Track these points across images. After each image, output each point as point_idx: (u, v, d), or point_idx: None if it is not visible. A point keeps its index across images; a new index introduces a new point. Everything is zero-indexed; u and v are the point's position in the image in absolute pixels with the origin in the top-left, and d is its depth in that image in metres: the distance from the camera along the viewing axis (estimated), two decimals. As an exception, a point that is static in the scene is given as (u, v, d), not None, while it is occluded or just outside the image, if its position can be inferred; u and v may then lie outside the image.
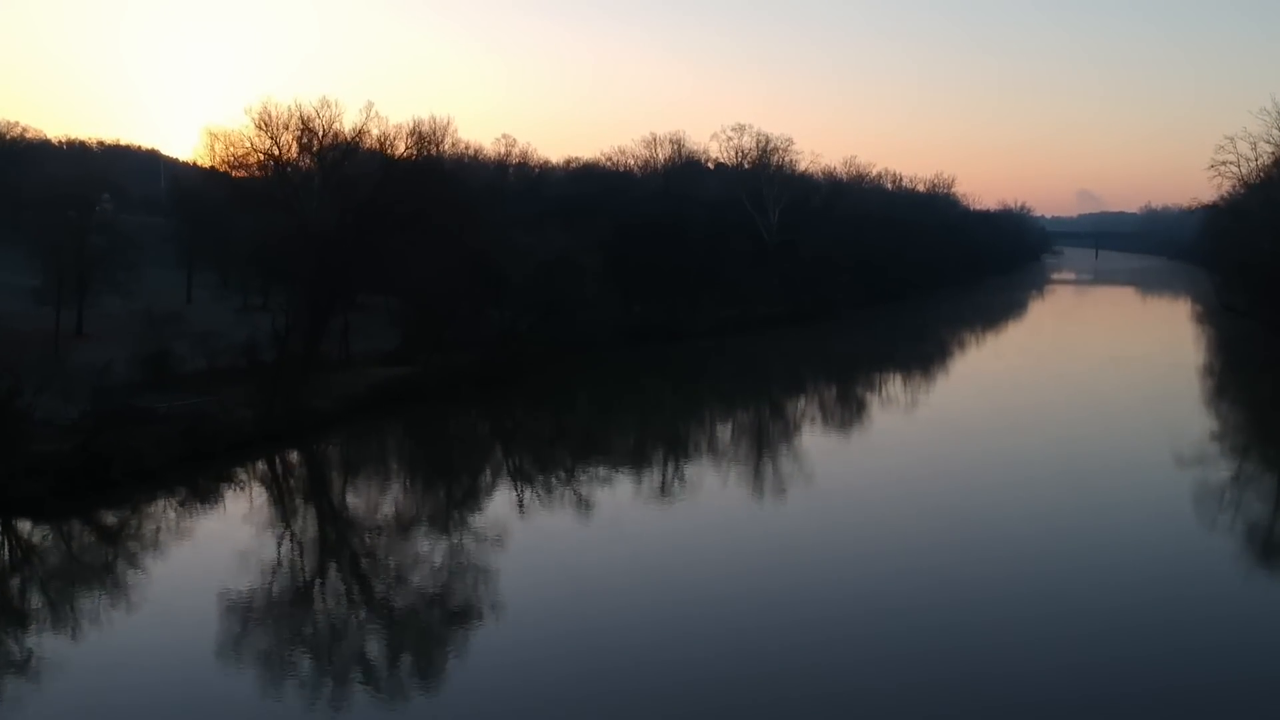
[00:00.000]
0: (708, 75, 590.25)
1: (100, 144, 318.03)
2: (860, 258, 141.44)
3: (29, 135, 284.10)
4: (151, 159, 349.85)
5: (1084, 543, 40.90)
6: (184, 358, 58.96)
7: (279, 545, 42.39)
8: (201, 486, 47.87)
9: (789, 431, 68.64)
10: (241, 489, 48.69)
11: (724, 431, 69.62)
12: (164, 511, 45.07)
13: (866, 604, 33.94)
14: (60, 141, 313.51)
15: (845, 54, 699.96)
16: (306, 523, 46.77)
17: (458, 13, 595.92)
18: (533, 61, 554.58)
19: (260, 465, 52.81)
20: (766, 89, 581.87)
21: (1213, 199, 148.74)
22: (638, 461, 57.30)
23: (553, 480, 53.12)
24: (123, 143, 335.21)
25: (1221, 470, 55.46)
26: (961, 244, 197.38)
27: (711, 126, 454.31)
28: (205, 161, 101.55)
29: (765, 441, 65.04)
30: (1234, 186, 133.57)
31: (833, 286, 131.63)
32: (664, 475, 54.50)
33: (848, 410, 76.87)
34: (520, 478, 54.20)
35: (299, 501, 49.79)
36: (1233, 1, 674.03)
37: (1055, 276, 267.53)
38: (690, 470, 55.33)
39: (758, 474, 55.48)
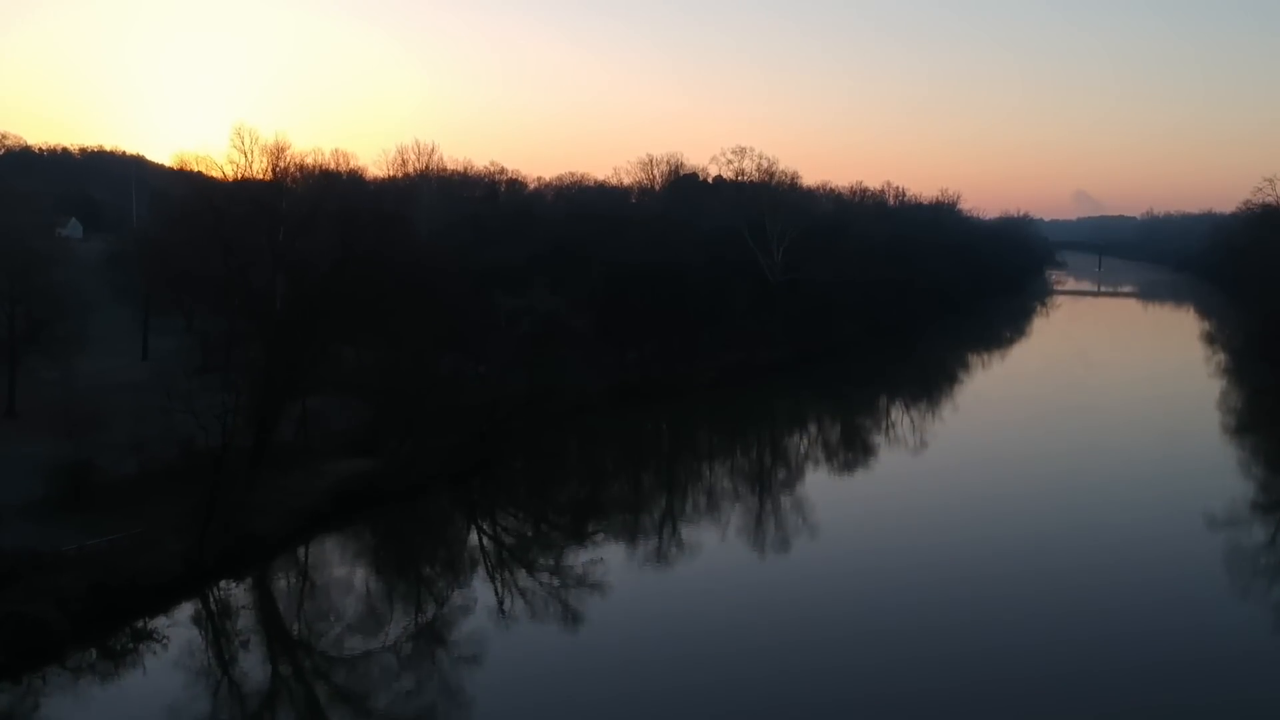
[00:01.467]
0: (699, 88, 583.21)
1: (82, 150, 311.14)
2: (867, 292, 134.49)
3: (8, 142, 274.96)
4: (135, 165, 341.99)
5: None
6: (109, 469, 51.48)
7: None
8: (112, 653, 40.31)
9: (815, 541, 59.42)
10: (162, 650, 40.97)
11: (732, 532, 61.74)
12: (63, 694, 37.56)
13: None
14: (41, 148, 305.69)
15: (837, 58, 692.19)
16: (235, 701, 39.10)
17: (449, 35, 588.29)
18: (525, 83, 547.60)
19: (189, 613, 44.95)
20: (756, 93, 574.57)
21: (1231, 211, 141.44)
22: (647, 597, 49.32)
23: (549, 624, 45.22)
24: (107, 148, 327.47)
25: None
26: (968, 265, 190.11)
27: (706, 142, 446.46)
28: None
29: (776, 539, 57.28)
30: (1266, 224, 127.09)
31: (839, 326, 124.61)
32: (671, 595, 46.88)
33: (874, 523, 60.54)
34: (508, 611, 46.41)
35: (228, 669, 41.94)
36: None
37: (1061, 292, 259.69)
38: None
39: (761, 567, 48.15)
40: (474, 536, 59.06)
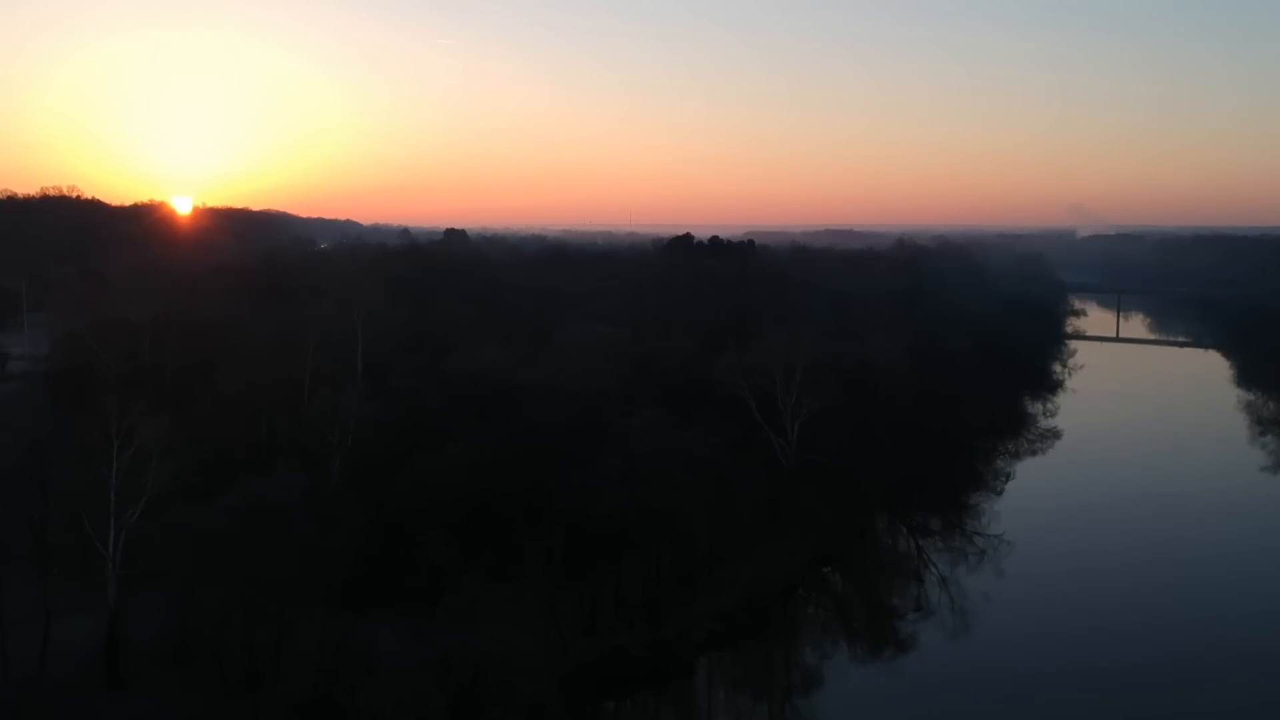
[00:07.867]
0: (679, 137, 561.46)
1: (28, 197, 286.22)
2: (896, 436, 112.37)
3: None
4: (94, 208, 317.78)
5: None
6: None
7: None
8: None
9: None
10: None
11: None
12: None
13: None
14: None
15: (828, 68, 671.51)
16: None
17: (426, 101, 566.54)
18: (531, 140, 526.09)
19: None
20: (750, 113, 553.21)
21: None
22: None
23: None
24: (63, 189, 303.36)
25: None
26: (996, 357, 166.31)
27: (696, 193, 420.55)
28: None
29: None
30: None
31: (866, 504, 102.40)
32: None
33: None
34: None
35: None
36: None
37: (1088, 360, 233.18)
38: None
39: None
40: None
